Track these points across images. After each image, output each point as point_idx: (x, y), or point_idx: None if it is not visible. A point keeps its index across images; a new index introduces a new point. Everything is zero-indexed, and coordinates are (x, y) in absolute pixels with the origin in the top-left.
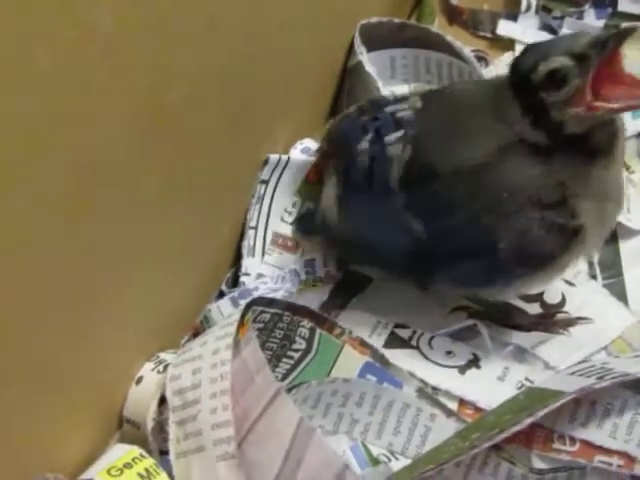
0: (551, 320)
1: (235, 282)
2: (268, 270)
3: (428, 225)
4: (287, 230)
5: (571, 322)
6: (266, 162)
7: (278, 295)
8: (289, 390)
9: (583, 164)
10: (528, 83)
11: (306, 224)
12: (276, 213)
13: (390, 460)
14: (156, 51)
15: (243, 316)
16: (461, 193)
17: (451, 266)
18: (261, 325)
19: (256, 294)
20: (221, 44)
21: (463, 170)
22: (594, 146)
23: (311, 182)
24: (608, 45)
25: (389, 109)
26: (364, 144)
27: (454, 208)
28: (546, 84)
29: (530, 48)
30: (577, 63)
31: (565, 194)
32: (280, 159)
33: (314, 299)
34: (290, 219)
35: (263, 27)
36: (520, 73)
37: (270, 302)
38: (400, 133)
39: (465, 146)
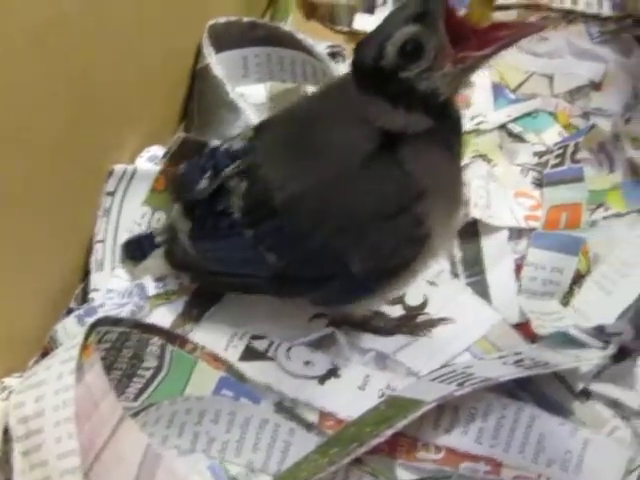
0: (413, 322)
1: (86, 298)
2: (119, 284)
3: (281, 256)
4: None
5: (433, 323)
6: (111, 173)
7: (125, 310)
8: (139, 412)
9: (435, 158)
10: (380, 73)
11: (134, 250)
12: (125, 225)
13: (251, 479)
14: None
15: (87, 337)
16: (303, 222)
17: (311, 290)
18: (108, 345)
19: (102, 311)
20: (58, 49)
21: (301, 198)
22: (444, 138)
23: (159, 191)
24: None
25: (225, 146)
26: (204, 183)
27: (300, 238)
28: (402, 62)
29: (363, 41)
30: (422, 24)
31: (412, 198)
32: (126, 170)
33: (169, 312)
34: (140, 230)
35: (105, 30)
36: (367, 67)
37: (116, 321)
38: (235, 165)
39: (311, 167)
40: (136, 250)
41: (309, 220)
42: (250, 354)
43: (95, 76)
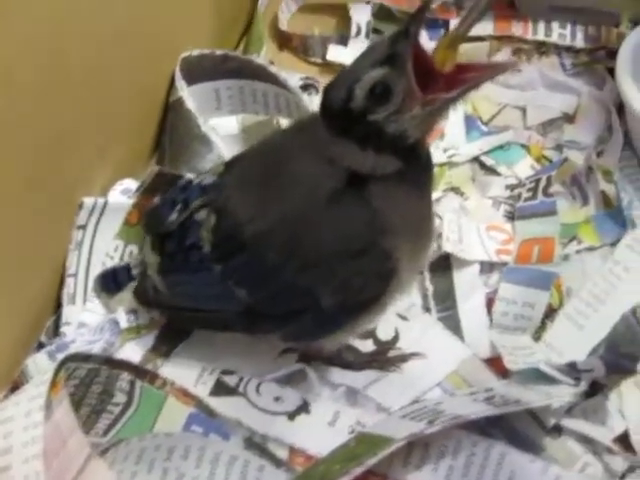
0: (384, 357)
1: (57, 331)
2: (91, 318)
3: (250, 291)
4: None
5: (404, 358)
6: (81, 206)
7: (97, 347)
8: (109, 448)
9: (403, 196)
10: (349, 115)
11: (109, 282)
12: (97, 258)
13: None
14: None
15: (57, 374)
16: (272, 257)
17: (281, 325)
18: (77, 381)
19: (73, 346)
20: (27, 80)
21: (270, 233)
22: (413, 177)
23: (132, 224)
24: (410, 32)
25: (197, 180)
26: (174, 215)
27: (269, 273)
28: (370, 105)
29: (331, 83)
30: (390, 67)
31: (379, 233)
32: (96, 203)
33: (139, 347)
34: (113, 263)
35: (75, 62)
36: (336, 110)
37: (86, 357)
38: (204, 199)
39: (278, 203)
40: (111, 282)
41: (278, 255)
42: (220, 389)
43: (65, 107)
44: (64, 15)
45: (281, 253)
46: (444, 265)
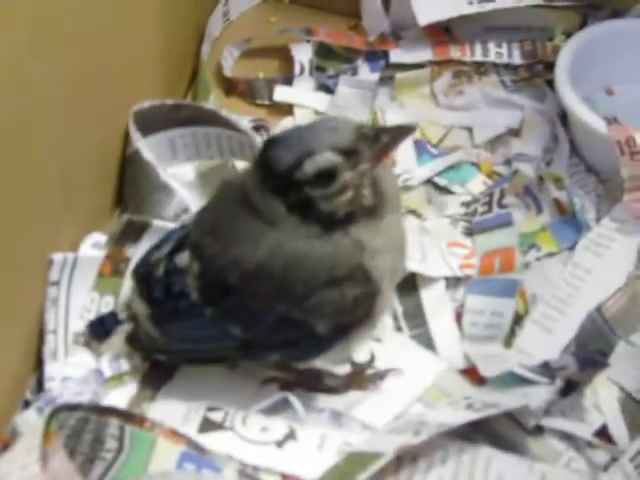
0: (361, 377)
1: (41, 388)
2: (74, 372)
3: (245, 328)
4: None
5: (382, 375)
6: (52, 263)
7: (84, 398)
8: None
9: (375, 221)
10: (288, 179)
11: (100, 329)
12: (75, 313)
13: None
14: None
15: (48, 425)
16: (261, 296)
17: (278, 354)
18: (68, 431)
19: (61, 400)
20: None
21: (251, 273)
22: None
23: (106, 275)
24: (380, 140)
25: (173, 230)
26: (160, 271)
27: (261, 310)
28: (312, 181)
29: (281, 142)
30: (346, 158)
31: (362, 256)
32: (67, 258)
33: (123, 394)
34: (91, 316)
35: (34, 124)
36: (280, 171)
37: (74, 407)
38: (185, 251)
39: (245, 248)
40: (99, 330)
41: (266, 294)
42: (207, 426)
43: (27, 168)
44: (25, 78)
45: (269, 291)
46: (410, 284)
